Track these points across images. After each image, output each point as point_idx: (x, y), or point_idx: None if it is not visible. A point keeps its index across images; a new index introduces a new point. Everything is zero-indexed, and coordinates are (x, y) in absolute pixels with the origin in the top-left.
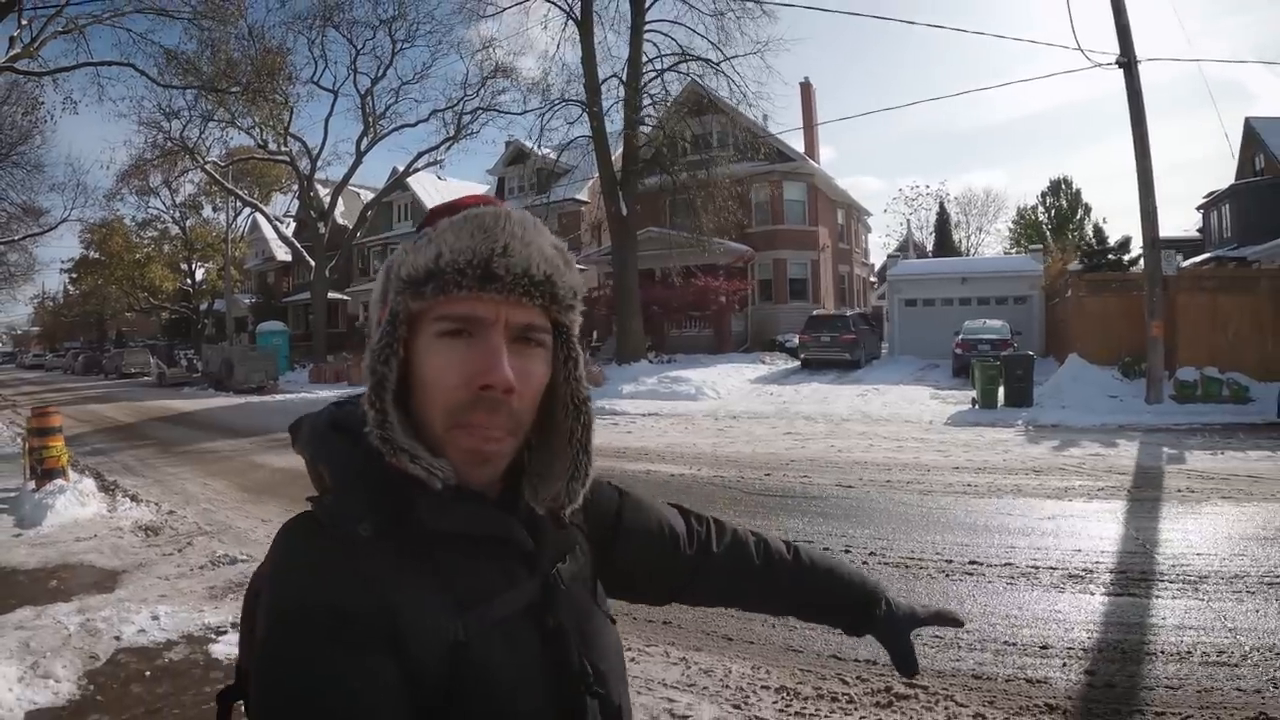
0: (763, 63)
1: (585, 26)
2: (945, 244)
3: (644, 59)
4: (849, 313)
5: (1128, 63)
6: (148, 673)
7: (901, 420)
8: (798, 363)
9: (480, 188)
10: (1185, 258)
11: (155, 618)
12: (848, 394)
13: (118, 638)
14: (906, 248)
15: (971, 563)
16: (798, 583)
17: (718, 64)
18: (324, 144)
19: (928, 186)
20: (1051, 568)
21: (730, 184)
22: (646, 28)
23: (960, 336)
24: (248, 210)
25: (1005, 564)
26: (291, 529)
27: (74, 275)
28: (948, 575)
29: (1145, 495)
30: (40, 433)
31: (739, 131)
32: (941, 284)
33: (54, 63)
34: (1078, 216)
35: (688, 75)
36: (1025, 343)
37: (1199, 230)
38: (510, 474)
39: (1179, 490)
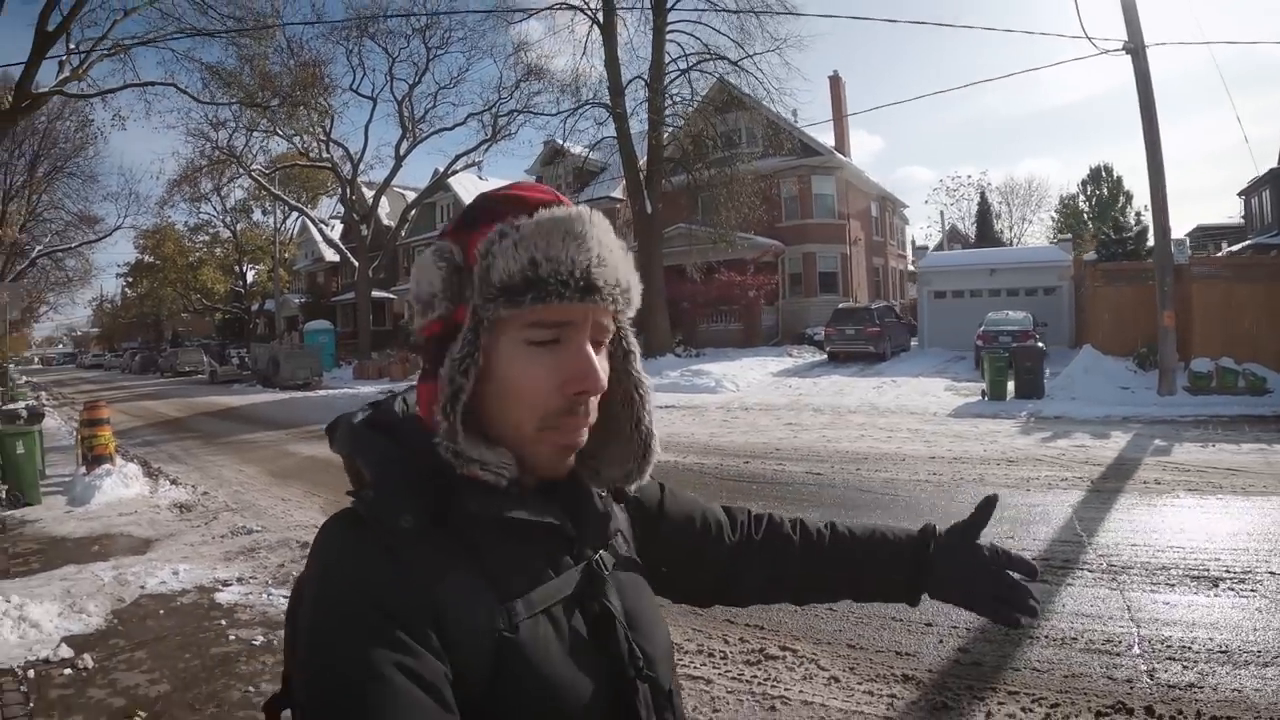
0: (781, 59)
1: (608, 30)
2: (986, 234)
3: (667, 59)
4: (874, 305)
5: (1135, 49)
6: (162, 611)
7: (907, 412)
8: (824, 355)
9: None
10: (1228, 244)
11: (175, 573)
12: (864, 386)
13: (142, 587)
14: (945, 241)
15: None
16: (839, 546)
17: (738, 61)
18: (365, 148)
19: (969, 176)
20: None
21: (753, 180)
22: (669, 28)
23: (982, 328)
24: (296, 213)
25: None
26: (333, 525)
27: (130, 279)
28: None
29: (1108, 486)
30: (90, 424)
31: (765, 128)
32: (970, 275)
33: (101, 83)
34: (1119, 205)
35: (713, 74)
36: (1053, 334)
37: (1242, 217)
38: None
39: (1145, 482)
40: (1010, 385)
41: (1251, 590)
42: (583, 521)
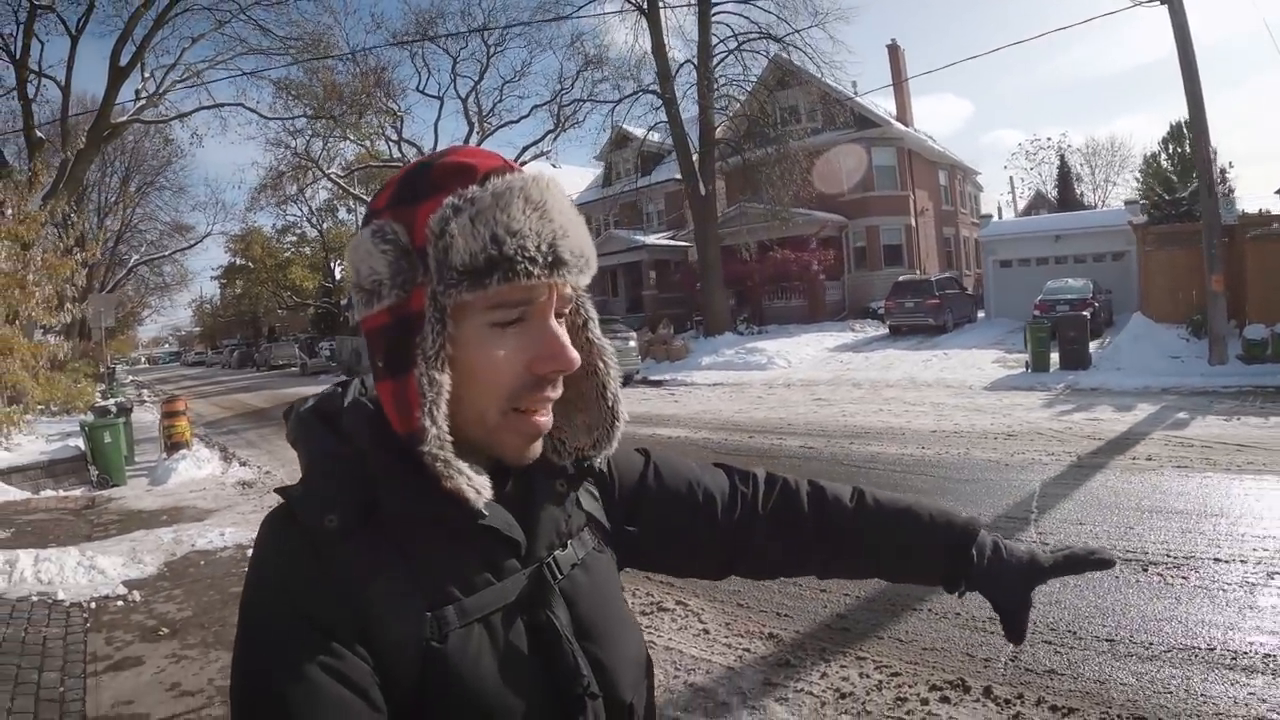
0: (825, 34)
1: (653, 18)
2: (1067, 198)
3: (714, 40)
4: (935, 277)
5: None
6: (203, 562)
7: (943, 385)
8: (886, 329)
9: (591, 173)
10: None
11: (222, 534)
12: (913, 360)
13: (193, 545)
14: (1018, 206)
15: None
16: (862, 528)
17: (783, 38)
18: (435, 146)
19: (1048, 139)
20: None
21: (807, 156)
22: (714, 11)
23: (1039, 297)
24: None
25: None
26: (269, 522)
27: (223, 281)
28: None
29: (1093, 462)
30: (169, 415)
31: (820, 102)
32: (1035, 243)
33: (177, 104)
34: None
35: (761, 53)
36: (1122, 301)
37: None
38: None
39: (1136, 458)
40: (1055, 356)
41: (1183, 577)
42: (533, 521)
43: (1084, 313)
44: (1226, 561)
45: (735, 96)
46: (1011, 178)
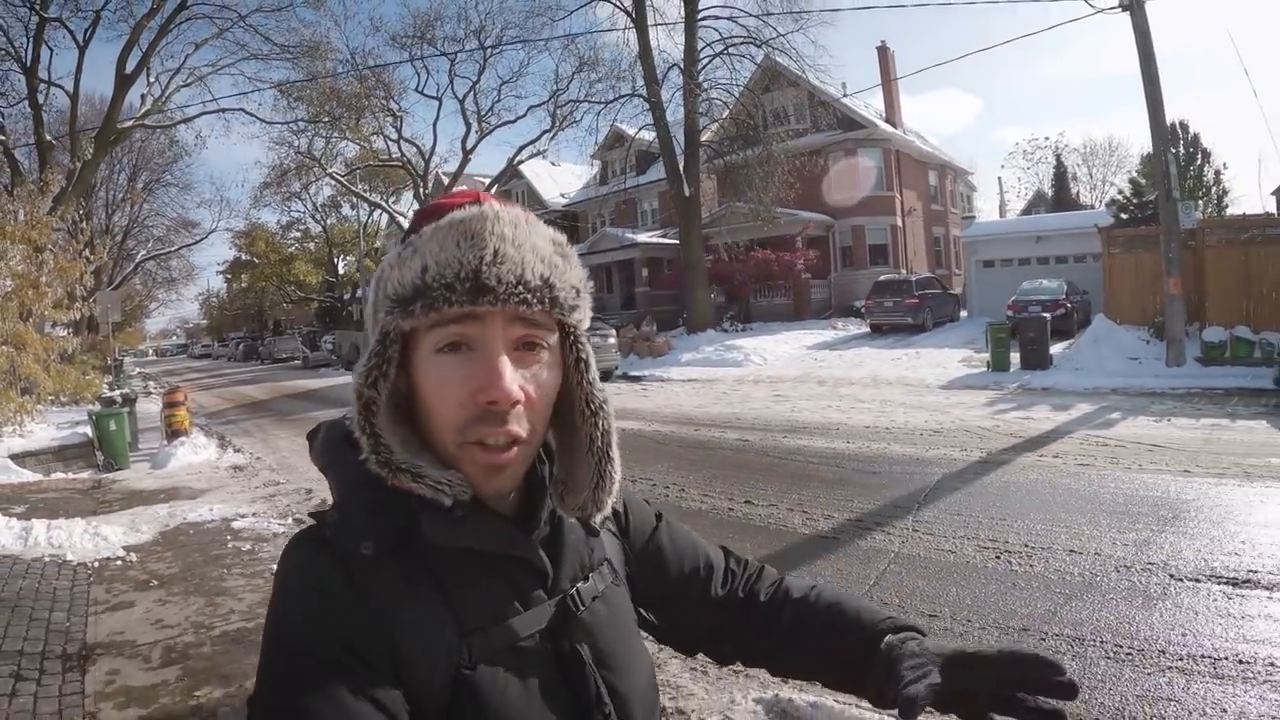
0: (808, 39)
1: (640, 23)
2: (1063, 199)
3: (701, 44)
4: (914, 277)
5: (1131, 5)
6: (192, 531)
7: (902, 384)
8: (868, 327)
9: (589, 170)
10: None
11: (211, 509)
12: (884, 358)
13: (185, 518)
14: (1004, 208)
15: (747, 502)
16: (800, 618)
17: (766, 42)
18: (434, 145)
19: (1045, 139)
20: (809, 516)
21: (789, 159)
22: (700, 15)
23: (1013, 297)
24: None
25: (769, 505)
26: (298, 545)
27: (229, 276)
28: (701, 511)
29: (1001, 459)
30: (170, 405)
31: (806, 104)
32: (1016, 243)
33: (182, 107)
34: (1197, 163)
35: (745, 57)
36: (1097, 301)
37: None
38: (529, 487)
39: (1044, 455)
40: (1016, 356)
41: (1030, 565)
42: (560, 553)
43: (1045, 314)
44: (1079, 553)
45: (723, 101)
46: (1000, 178)
